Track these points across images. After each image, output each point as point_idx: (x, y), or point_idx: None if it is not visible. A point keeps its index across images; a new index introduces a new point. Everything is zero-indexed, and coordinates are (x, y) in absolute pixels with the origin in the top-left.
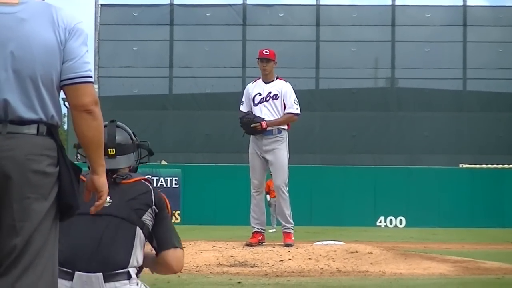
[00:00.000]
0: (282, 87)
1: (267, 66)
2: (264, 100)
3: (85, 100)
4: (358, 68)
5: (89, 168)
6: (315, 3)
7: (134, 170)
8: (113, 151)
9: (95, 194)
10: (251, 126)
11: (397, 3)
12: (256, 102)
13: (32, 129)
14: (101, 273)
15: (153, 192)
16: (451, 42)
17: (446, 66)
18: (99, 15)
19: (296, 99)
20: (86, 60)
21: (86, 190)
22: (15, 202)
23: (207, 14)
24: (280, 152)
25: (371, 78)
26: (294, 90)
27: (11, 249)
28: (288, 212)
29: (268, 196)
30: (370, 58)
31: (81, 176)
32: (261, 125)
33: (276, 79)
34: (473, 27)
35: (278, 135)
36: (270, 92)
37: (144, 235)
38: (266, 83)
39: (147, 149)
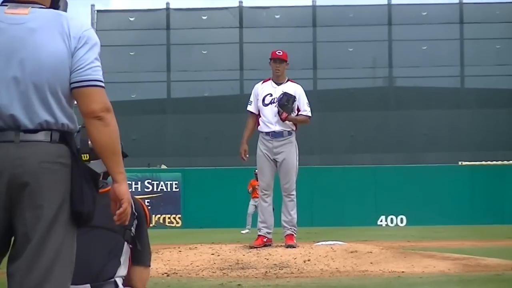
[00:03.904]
0: (295, 90)
1: (280, 67)
2: (275, 101)
3: (94, 106)
4: (355, 68)
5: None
6: (311, 4)
7: (106, 175)
8: (86, 157)
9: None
10: (281, 107)
11: (393, 2)
12: (266, 102)
13: (45, 137)
14: (89, 285)
15: (133, 201)
16: (448, 40)
17: (444, 64)
18: (95, 21)
19: (308, 102)
20: (94, 65)
21: (112, 201)
22: (27, 210)
23: (204, 18)
24: (290, 154)
25: (369, 77)
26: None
27: (25, 257)
28: (294, 215)
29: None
30: (367, 58)
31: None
32: (282, 113)
33: (287, 81)
34: (470, 24)
35: (289, 137)
36: (284, 95)
37: (127, 241)
38: (277, 84)
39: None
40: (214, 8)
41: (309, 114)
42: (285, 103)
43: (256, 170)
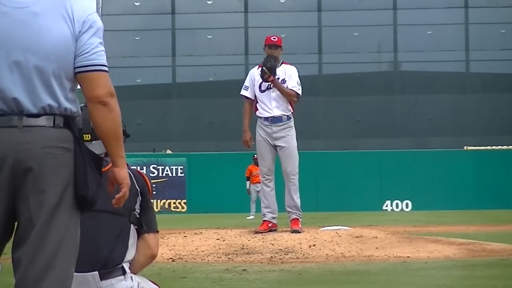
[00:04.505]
0: (287, 71)
1: (275, 52)
2: (271, 86)
3: (99, 91)
4: (361, 53)
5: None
6: None
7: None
8: (88, 137)
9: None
10: (264, 70)
11: None
12: (263, 88)
13: (48, 122)
14: (97, 272)
15: (134, 178)
16: (453, 24)
17: (449, 48)
18: (101, 5)
19: (299, 81)
20: (99, 50)
21: (109, 182)
22: (31, 195)
23: (209, 2)
24: (290, 139)
25: (374, 62)
26: (298, 76)
27: (29, 242)
28: (298, 199)
29: (248, 183)
30: (372, 42)
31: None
32: (270, 76)
33: (281, 64)
34: (474, 9)
35: (288, 122)
36: (277, 78)
37: (132, 223)
38: None
39: (123, 131)
40: None
41: (298, 91)
42: (268, 63)
43: (255, 155)
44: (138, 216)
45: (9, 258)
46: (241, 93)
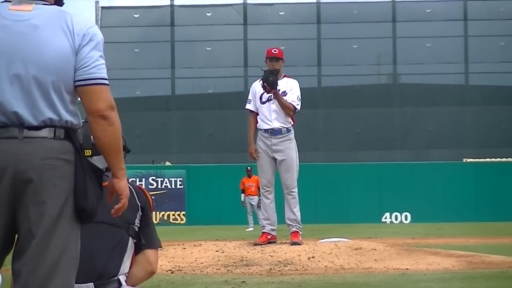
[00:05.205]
0: (289, 84)
1: (276, 65)
2: (272, 98)
3: (100, 105)
4: (360, 65)
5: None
6: (315, 1)
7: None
8: (89, 152)
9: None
10: (266, 83)
11: None
12: (263, 100)
13: (49, 133)
14: (92, 283)
15: (136, 193)
16: (453, 37)
17: (448, 61)
18: (100, 17)
19: (300, 97)
20: (99, 63)
21: (108, 192)
22: (31, 206)
23: (208, 14)
24: (290, 151)
25: (373, 74)
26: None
27: (29, 253)
28: (298, 212)
29: (242, 195)
30: (372, 55)
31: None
32: (271, 90)
33: (284, 77)
34: (474, 21)
35: (287, 134)
36: (278, 90)
37: (131, 236)
38: None
39: (123, 147)
40: (219, 5)
41: (297, 107)
42: (270, 78)
43: (248, 167)
44: (137, 230)
45: (9, 270)
46: (246, 106)
